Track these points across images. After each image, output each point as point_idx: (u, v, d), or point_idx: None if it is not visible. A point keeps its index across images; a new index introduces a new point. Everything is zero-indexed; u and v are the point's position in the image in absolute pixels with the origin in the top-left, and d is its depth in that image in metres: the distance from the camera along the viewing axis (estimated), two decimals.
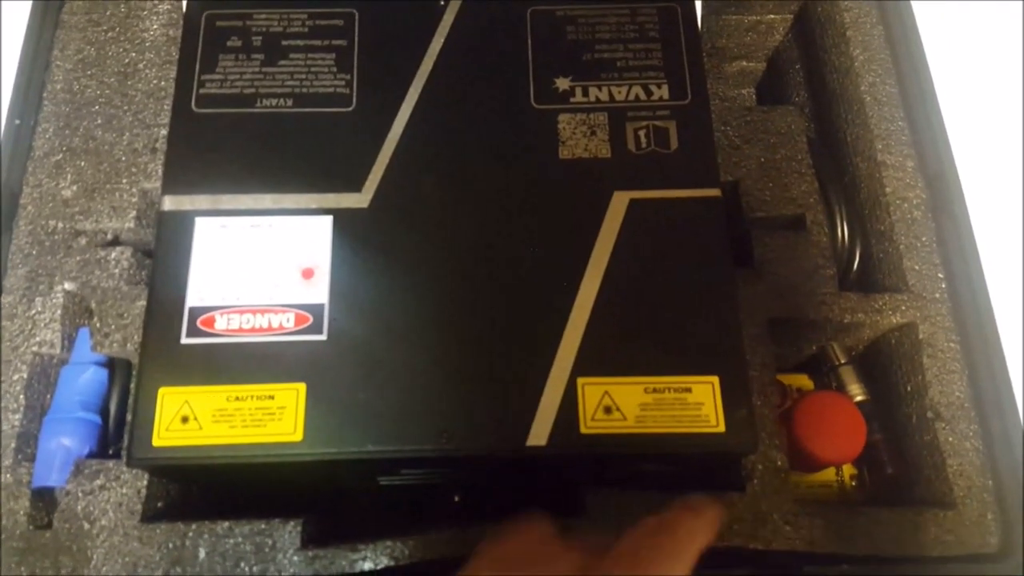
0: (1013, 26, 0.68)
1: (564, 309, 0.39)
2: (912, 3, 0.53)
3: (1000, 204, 0.59)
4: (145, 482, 0.41)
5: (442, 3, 0.46)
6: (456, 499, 0.48)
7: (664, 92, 0.44)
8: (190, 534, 0.40)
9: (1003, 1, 0.69)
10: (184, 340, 0.38)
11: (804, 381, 0.50)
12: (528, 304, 0.39)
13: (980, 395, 0.44)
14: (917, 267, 0.46)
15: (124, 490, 0.41)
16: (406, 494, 0.46)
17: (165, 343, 0.38)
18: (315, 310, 0.39)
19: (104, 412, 0.45)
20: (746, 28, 0.57)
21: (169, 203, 0.41)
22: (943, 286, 0.46)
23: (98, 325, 0.44)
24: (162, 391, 0.37)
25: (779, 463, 0.42)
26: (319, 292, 0.39)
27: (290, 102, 0.43)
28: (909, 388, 0.46)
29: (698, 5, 0.47)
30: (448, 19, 0.45)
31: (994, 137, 0.63)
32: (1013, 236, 0.59)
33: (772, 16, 0.57)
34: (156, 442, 0.37)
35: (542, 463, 0.39)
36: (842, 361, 0.49)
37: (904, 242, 0.47)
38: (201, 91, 0.43)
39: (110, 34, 0.52)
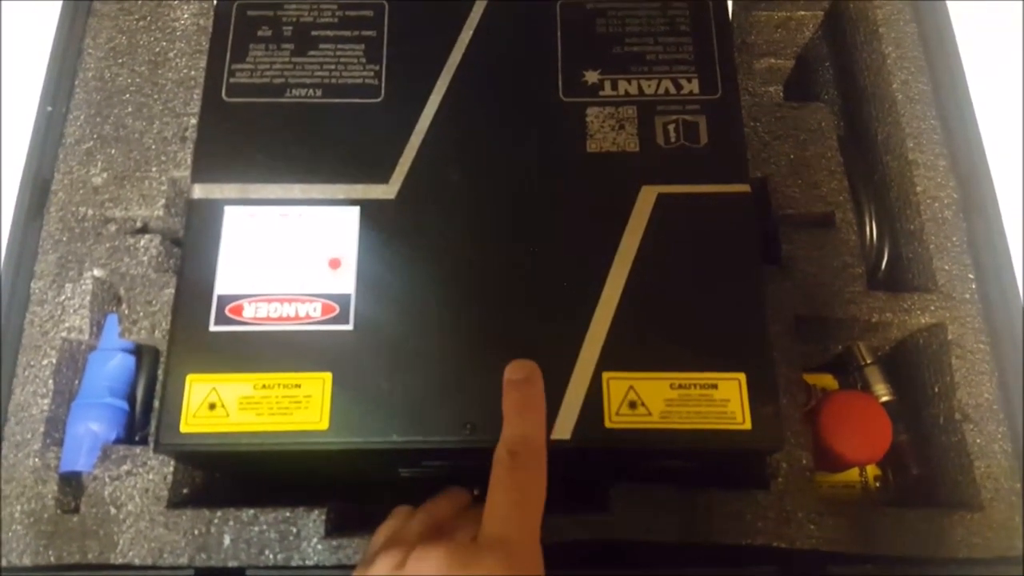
0: None
1: (590, 303, 0.39)
2: (946, 1, 0.52)
3: None
4: (171, 468, 0.42)
5: None
6: (475, 492, 0.48)
7: (694, 86, 0.43)
8: (215, 521, 0.40)
9: None
10: (212, 328, 0.39)
11: (829, 381, 0.50)
12: (554, 297, 0.39)
13: (1009, 397, 0.43)
14: (947, 267, 0.46)
15: (151, 476, 0.41)
16: (426, 487, 0.47)
17: (194, 330, 0.38)
18: (342, 300, 0.39)
19: (131, 398, 0.45)
20: (776, 24, 0.56)
21: (199, 191, 0.41)
22: (973, 287, 0.46)
23: (126, 312, 0.44)
24: (190, 378, 0.38)
25: (804, 462, 0.41)
26: (346, 282, 0.40)
27: (319, 92, 0.44)
28: (937, 389, 0.45)
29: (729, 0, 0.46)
30: (477, 11, 0.45)
31: None
32: None
33: (802, 13, 0.56)
34: (183, 428, 0.37)
35: (566, 457, 0.39)
36: (868, 361, 0.48)
37: (934, 242, 0.46)
38: (231, 80, 0.44)
39: (141, 23, 0.52)
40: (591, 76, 0.44)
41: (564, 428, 0.37)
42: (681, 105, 0.43)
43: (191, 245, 0.40)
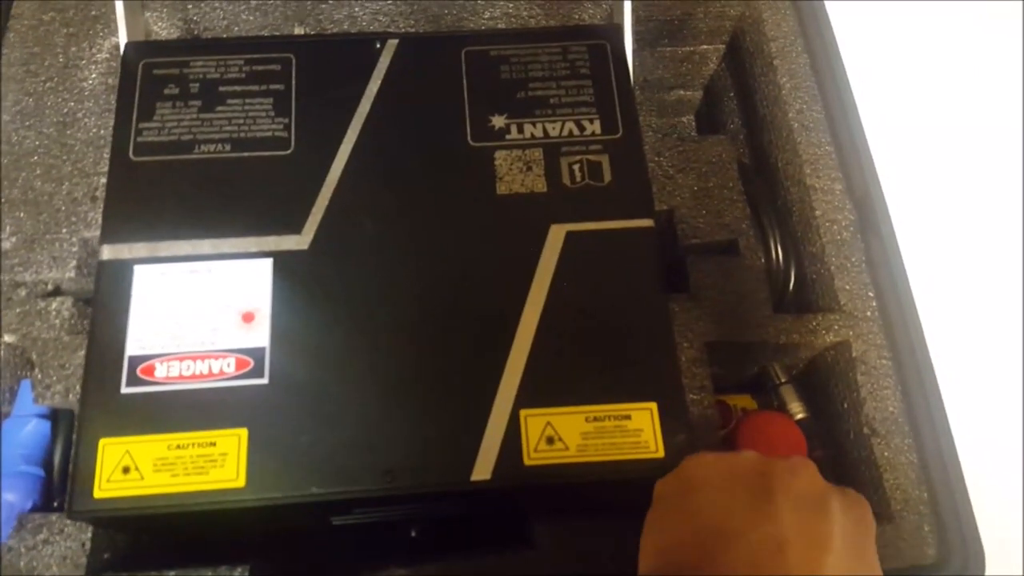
0: (930, 54, 0.71)
1: (505, 342, 0.40)
2: (835, 33, 0.55)
3: (925, 222, 0.61)
4: (90, 534, 0.41)
5: (378, 46, 0.47)
6: (412, 534, 0.48)
7: (596, 127, 0.45)
8: None
9: (921, 31, 0.72)
10: (124, 390, 0.38)
11: (748, 401, 0.51)
12: (470, 339, 0.40)
13: (913, 409, 0.45)
14: (848, 287, 0.48)
15: (68, 543, 0.41)
16: (361, 530, 0.46)
17: (105, 393, 0.38)
18: (256, 354, 0.39)
19: (48, 464, 0.45)
20: (680, 59, 0.59)
21: (108, 252, 0.41)
22: (874, 304, 0.48)
23: (40, 377, 0.44)
24: (103, 442, 0.37)
25: None
26: (260, 336, 0.40)
27: (228, 147, 0.44)
28: (846, 405, 0.47)
29: (628, 39, 0.48)
30: (384, 61, 0.46)
31: (917, 158, 0.65)
32: (939, 253, 0.61)
33: (705, 46, 0.59)
34: (97, 494, 0.36)
35: (488, 496, 0.39)
36: (782, 380, 0.50)
37: (835, 263, 0.48)
38: (139, 139, 0.44)
39: (48, 84, 0.52)
40: (498, 121, 0.45)
41: (484, 468, 0.38)
42: (584, 146, 0.44)
43: (101, 307, 0.40)
